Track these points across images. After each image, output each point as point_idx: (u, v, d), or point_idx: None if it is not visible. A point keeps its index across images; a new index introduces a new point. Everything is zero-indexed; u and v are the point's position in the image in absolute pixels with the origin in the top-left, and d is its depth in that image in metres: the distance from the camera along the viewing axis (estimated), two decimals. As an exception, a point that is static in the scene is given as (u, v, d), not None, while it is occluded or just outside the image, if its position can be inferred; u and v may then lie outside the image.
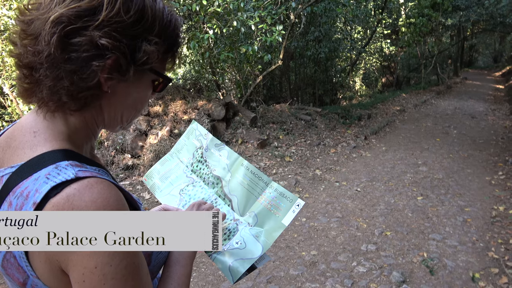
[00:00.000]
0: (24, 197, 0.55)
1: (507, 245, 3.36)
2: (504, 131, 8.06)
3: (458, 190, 4.66)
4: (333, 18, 9.27)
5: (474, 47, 31.79)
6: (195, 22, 5.39)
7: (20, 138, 0.62)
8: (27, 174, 0.56)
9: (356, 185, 4.81)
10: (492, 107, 11.35)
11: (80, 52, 0.57)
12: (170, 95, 6.00)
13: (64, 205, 0.53)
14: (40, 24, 0.56)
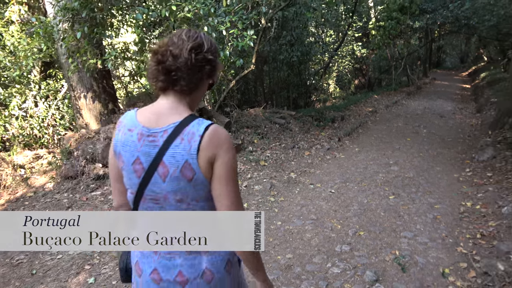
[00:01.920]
0: (191, 133, 1.08)
1: (474, 239, 3.47)
2: (471, 129, 8.37)
3: (428, 188, 4.80)
4: (305, 22, 9.40)
5: (442, 49, 32.94)
6: (165, 28, 5.33)
7: (167, 111, 1.13)
8: (185, 125, 1.09)
9: (330, 187, 4.88)
10: (459, 106, 11.77)
11: (212, 67, 1.17)
12: (142, 102, 5.91)
13: (214, 132, 1.08)
14: (179, 51, 1.10)
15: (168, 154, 1.08)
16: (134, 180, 1.15)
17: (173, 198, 1.12)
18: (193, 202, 1.12)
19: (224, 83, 7.09)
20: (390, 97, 13.05)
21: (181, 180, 1.08)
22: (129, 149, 1.15)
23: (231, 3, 5.78)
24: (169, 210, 1.14)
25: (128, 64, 7.55)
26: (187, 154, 1.07)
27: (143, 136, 1.12)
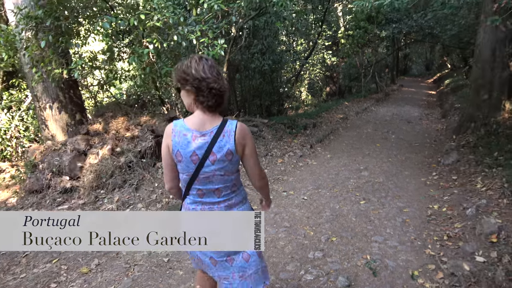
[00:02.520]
0: (229, 131, 1.66)
1: (441, 241, 3.58)
2: (437, 134, 8.68)
3: (397, 192, 4.92)
4: (275, 31, 9.52)
5: (408, 56, 34.18)
6: (134, 36, 5.25)
7: (209, 119, 1.67)
8: (223, 126, 1.66)
9: (303, 194, 4.91)
10: (425, 112, 12.21)
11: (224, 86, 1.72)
12: (111, 111, 5.78)
13: (241, 128, 1.70)
14: (215, 75, 1.65)
15: (216, 146, 1.67)
16: (191, 166, 1.71)
17: (219, 173, 1.72)
18: (230, 174, 1.74)
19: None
20: (360, 104, 13.37)
21: (226, 161, 1.69)
22: (186, 146, 1.68)
23: (201, 12, 5.77)
24: (215, 182, 1.74)
25: (97, 73, 7.39)
26: (229, 144, 1.68)
27: (197, 137, 1.68)
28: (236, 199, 1.84)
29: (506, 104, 6.75)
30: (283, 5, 5.78)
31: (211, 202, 1.79)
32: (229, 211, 1.81)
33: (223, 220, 1.80)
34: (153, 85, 6.97)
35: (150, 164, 5.20)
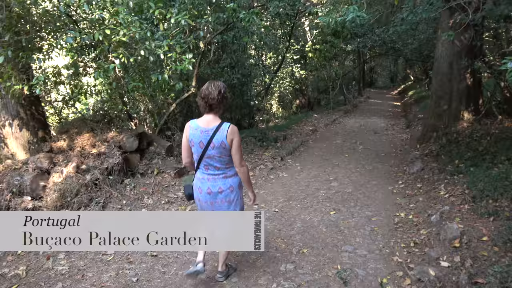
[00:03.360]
0: (223, 129, 2.60)
1: (408, 248, 3.68)
2: (402, 143, 8.98)
3: (365, 202, 5.03)
4: (244, 45, 9.62)
5: (373, 69, 35.42)
6: (100, 51, 5.16)
7: (211, 120, 2.64)
8: (220, 126, 2.61)
9: (274, 206, 4.93)
10: (391, 123, 12.63)
11: (226, 100, 2.70)
12: (76, 128, 5.61)
13: (232, 128, 2.63)
14: (214, 96, 2.59)
15: (214, 138, 2.60)
16: (200, 150, 2.67)
17: (217, 155, 2.66)
18: (224, 156, 2.67)
19: (165, 107, 6.97)
20: (329, 115, 13.66)
21: (220, 148, 2.62)
22: (197, 137, 2.65)
23: (169, 27, 5.77)
24: (215, 161, 2.69)
25: (62, 89, 7.17)
26: (223, 137, 2.60)
27: (203, 132, 2.63)
28: (229, 173, 2.81)
29: (464, 113, 7.10)
30: (250, 21, 5.88)
31: (213, 173, 2.78)
32: (224, 180, 2.78)
33: (218, 183, 2.78)
34: (120, 100, 6.85)
35: (118, 181, 5.07)
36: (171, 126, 7.12)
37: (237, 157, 2.69)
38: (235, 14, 6.06)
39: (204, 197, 2.80)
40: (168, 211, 4.59)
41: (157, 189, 5.15)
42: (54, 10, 5.66)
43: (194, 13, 5.82)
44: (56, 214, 1.52)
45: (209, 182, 2.76)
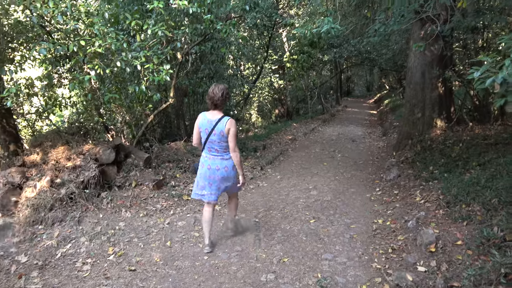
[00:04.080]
0: (224, 121, 3.53)
1: (386, 254, 3.74)
2: (379, 151, 9.17)
3: (344, 209, 5.09)
4: (222, 55, 9.67)
5: (350, 79, 36.21)
6: (75, 62, 5.08)
7: (216, 114, 3.59)
8: (222, 118, 3.56)
9: (254, 216, 4.91)
10: (368, 131, 12.89)
11: (227, 99, 3.67)
12: (50, 141, 5.46)
13: (230, 120, 3.55)
14: (218, 97, 3.54)
15: (216, 127, 3.53)
16: (205, 136, 3.60)
17: (217, 141, 3.58)
18: (222, 142, 3.57)
19: (142, 118, 6.89)
20: (307, 124, 13.82)
21: (219, 135, 3.53)
22: (204, 125, 3.59)
23: (146, 38, 5.75)
24: (215, 145, 3.61)
25: (35, 101, 7.00)
26: (222, 127, 3.51)
27: (209, 122, 3.56)
28: (226, 157, 3.69)
29: (437, 121, 7.33)
30: (227, 32, 5.92)
31: (213, 154, 3.69)
32: (221, 161, 3.68)
33: (216, 162, 3.68)
34: (96, 111, 6.73)
35: (94, 194, 4.94)
36: (149, 138, 7.04)
37: (232, 143, 3.59)
38: (212, 25, 6.10)
39: (204, 171, 3.75)
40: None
41: (135, 201, 5.06)
42: (26, 21, 5.55)
43: (171, 24, 5.82)
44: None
45: (210, 160, 3.71)
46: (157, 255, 3.86)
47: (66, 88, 6.82)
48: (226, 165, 3.68)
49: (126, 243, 4.10)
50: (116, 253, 3.88)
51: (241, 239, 4.21)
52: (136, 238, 4.23)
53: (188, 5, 5.47)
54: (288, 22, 9.78)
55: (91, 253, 3.85)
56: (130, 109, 6.78)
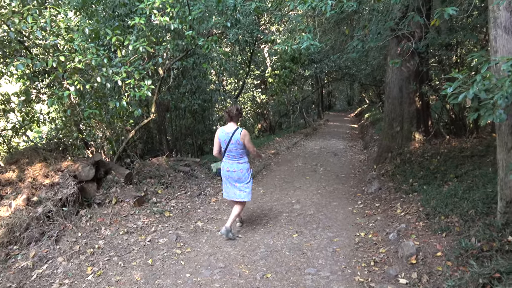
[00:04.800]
0: (239, 132, 4.46)
1: (369, 267, 3.76)
2: (360, 164, 9.30)
3: (327, 223, 5.11)
4: (204, 71, 9.71)
5: (331, 93, 36.80)
6: (53, 78, 5.01)
7: (232, 126, 4.51)
8: (237, 130, 4.48)
9: (237, 232, 4.88)
10: (350, 144, 13.06)
11: (241, 114, 4.66)
12: (27, 158, 5.32)
13: (244, 131, 4.50)
14: (233, 112, 4.50)
15: (233, 138, 4.45)
16: (224, 145, 4.52)
17: (235, 149, 4.51)
18: (238, 149, 4.51)
19: (123, 134, 6.81)
20: (290, 139, 13.91)
21: (236, 144, 4.47)
22: (223, 137, 4.50)
23: (127, 53, 5.73)
24: (233, 152, 4.54)
25: (12, 116, 6.83)
26: (238, 137, 4.44)
27: (226, 134, 4.47)
28: (241, 161, 4.59)
29: (416, 134, 7.51)
30: (209, 48, 5.97)
31: (232, 159, 4.56)
32: (237, 164, 4.57)
33: (234, 165, 4.57)
34: (75, 127, 6.62)
35: (73, 212, 4.82)
36: (131, 153, 6.94)
37: (250, 148, 4.58)
38: (194, 41, 6.14)
39: (225, 172, 4.66)
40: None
41: (116, 219, 4.95)
42: (3, 36, 5.47)
43: (153, 40, 5.83)
44: None
45: (229, 164, 4.60)
46: (137, 273, 3.77)
47: (44, 103, 6.70)
48: (241, 168, 4.60)
49: (106, 262, 4.00)
50: (95, 272, 3.78)
51: (224, 255, 4.17)
52: (116, 256, 4.13)
53: (169, 22, 5.51)
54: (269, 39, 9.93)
55: (68, 274, 3.73)
56: (110, 124, 6.70)
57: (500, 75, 2.89)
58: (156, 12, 5.53)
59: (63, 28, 5.07)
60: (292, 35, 13.72)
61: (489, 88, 2.64)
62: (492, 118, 2.58)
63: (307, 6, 4.29)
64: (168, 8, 5.54)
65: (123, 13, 7.02)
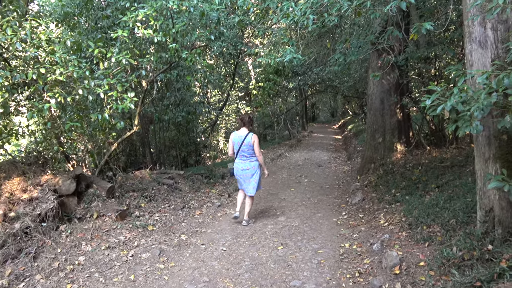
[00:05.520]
0: (250, 135, 5.38)
1: (354, 278, 3.76)
2: (344, 175, 9.38)
3: (312, 234, 5.11)
4: (188, 83, 9.71)
5: (315, 105, 37.25)
6: (34, 90, 4.92)
7: (244, 131, 5.43)
8: (248, 133, 5.39)
9: (222, 245, 4.83)
10: (333, 156, 13.18)
11: (252, 121, 5.60)
12: (4, 172, 5.17)
13: (254, 135, 5.39)
14: (245, 119, 5.47)
15: (245, 140, 5.34)
16: (237, 147, 5.40)
17: (246, 150, 5.37)
18: (250, 149, 5.36)
19: (105, 147, 6.71)
20: (274, 150, 13.96)
21: (247, 145, 5.34)
22: (236, 140, 5.41)
23: (109, 66, 5.69)
24: (245, 153, 5.40)
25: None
26: (249, 140, 5.35)
27: (239, 137, 5.39)
28: (252, 159, 5.42)
29: (397, 145, 7.64)
30: (193, 60, 5.98)
31: (243, 159, 5.42)
32: (249, 163, 5.43)
33: (246, 164, 5.43)
34: (56, 140, 6.48)
35: (52, 227, 4.69)
36: (113, 166, 6.83)
37: (257, 150, 5.37)
38: (177, 54, 6.14)
39: (237, 171, 5.52)
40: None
41: (97, 234, 4.84)
42: (-18, 48, 5.36)
43: (136, 53, 5.82)
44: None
45: (241, 164, 5.46)
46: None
47: (24, 116, 6.56)
48: (253, 165, 5.47)
49: (86, 279, 3.89)
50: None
51: (208, 269, 4.11)
52: (97, 273, 4.03)
53: (153, 34, 5.51)
54: (253, 52, 10.03)
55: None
56: (92, 137, 6.59)
57: (476, 88, 2.98)
58: (139, 25, 5.53)
59: (44, 40, 5.01)
60: (276, 48, 13.90)
61: (466, 100, 2.72)
62: (469, 129, 2.66)
63: (290, 20, 4.36)
64: (151, 21, 5.55)
65: (106, 26, 6.99)
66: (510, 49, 2.85)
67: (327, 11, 4.39)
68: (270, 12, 5.97)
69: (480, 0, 2.94)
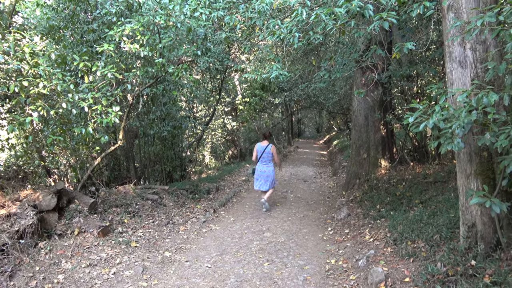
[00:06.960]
0: (270, 146, 7.32)
1: (340, 295, 3.74)
2: (329, 191, 9.41)
3: (297, 250, 5.08)
4: (174, 97, 9.68)
5: (301, 120, 37.57)
6: (15, 103, 4.82)
7: (265, 142, 7.35)
8: (268, 145, 7.31)
9: (206, 261, 4.75)
10: (319, 171, 13.25)
11: (271, 135, 8.47)
12: (-17, 187, 5.02)
13: (273, 146, 7.37)
14: (266, 133, 7.53)
15: (265, 150, 7.27)
16: (260, 154, 7.34)
17: (266, 157, 7.32)
18: (269, 156, 7.32)
19: (88, 161, 6.59)
20: (260, 165, 13.91)
21: (268, 153, 7.30)
22: (260, 149, 7.35)
23: (94, 79, 5.64)
24: (265, 159, 7.33)
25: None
26: (269, 150, 7.28)
27: (262, 147, 7.32)
28: (270, 164, 7.32)
29: (382, 161, 7.74)
30: (179, 75, 5.98)
31: (264, 164, 7.32)
32: (268, 167, 7.31)
33: (265, 167, 7.30)
34: (37, 154, 6.34)
35: (31, 244, 4.54)
36: (96, 181, 6.70)
37: (276, 156, 7.28)
38: (163, 68, 6.14)
39: (260, 172, 7.25)
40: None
41: (77, 251, 4.70)
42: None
43: (122, 67, 5.79)
44: None
45: (262, 167, 7.23)
46: (99, 310, 3.56)
47: (4, 129, 6.42)
48: (271, 169, 7.26)
49: (65, 298, 3.76)
50: (53, 310, 3.53)
51: (192, 287, 4.03)
52: (76, 292, 3.89)
53: (139, 49, 5.50)
54: (239, 67, 10.12)
55: (23, 312, 3.46)
56: (75, 151, 6.47)
57: (457, 106, 3.06)
58: (126, 39, 5.52)
59: (27, 53, 4.95)
60: (262, 64, 14.06)
61: (447, 118, 2.79)
62: (451, 146, 2.72)
63: (276, 38, 4.43)
64: (138, 35, 5.55)
65: (92, 39, 6.96)
66: (488, 68, 2.95)
67: (312, 29, 4.48)
68: (256, 29, 6.06)
69: (460, 22, 3.05)
